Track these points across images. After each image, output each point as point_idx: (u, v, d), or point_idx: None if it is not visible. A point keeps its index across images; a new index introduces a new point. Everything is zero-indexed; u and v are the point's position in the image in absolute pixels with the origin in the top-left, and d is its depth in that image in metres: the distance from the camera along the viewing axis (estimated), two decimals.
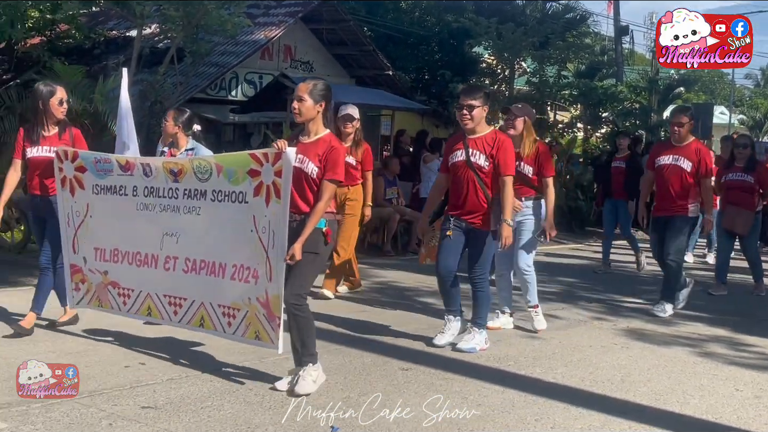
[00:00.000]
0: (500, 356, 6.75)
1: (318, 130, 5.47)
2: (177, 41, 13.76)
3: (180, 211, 5.80)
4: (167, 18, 13.42)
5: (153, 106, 12.97)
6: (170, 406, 5.09)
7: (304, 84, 5.47)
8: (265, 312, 5.29)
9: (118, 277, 6.24)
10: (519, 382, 6.01)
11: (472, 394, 5.65)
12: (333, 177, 5.33)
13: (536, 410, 5.40)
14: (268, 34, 16.29)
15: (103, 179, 6.26)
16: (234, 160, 5.61)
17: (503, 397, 5.64)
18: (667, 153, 8.73)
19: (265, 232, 5.23)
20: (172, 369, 5.91)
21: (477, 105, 6.54)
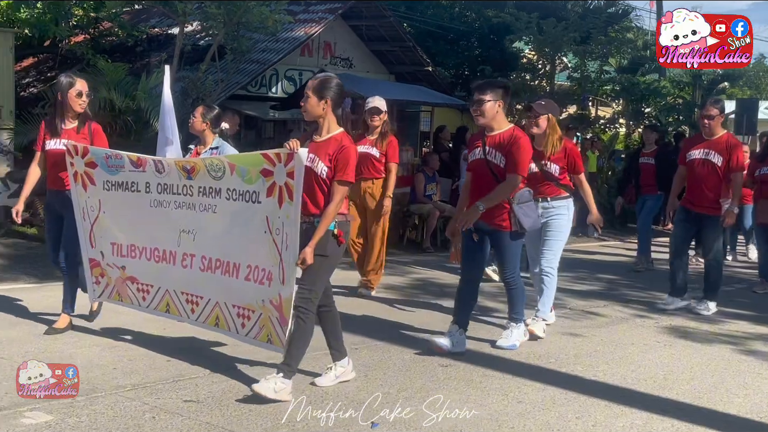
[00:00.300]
0: (541, 353, 6.72)
1: (330, 128, 5.33)
2: (218, 38, 13.87)
3: (196, 208, 5.72)
4: (209, 15, 13.54)
5: (194, 103, 13.04)
6: (212, 400, 5.15)
7: (311, 80, 5.37)
8: (278, 315, 5.19)
9: (137, 273, 6.20)
10: (560, 380, 5.99)
11: (512, 391, 5.64)
12: (343, 178, 5.17)
13: (577, 408, 5.38)
14: (308, 31, 16.34)
15: (114, 175, 6.19)
16: (246, 159, 5.50)
17: (543, 395, 5.62)
18: (697, 147, 8.54)
19: (279, 233, 5.11)
20: (214, 364, 5.96)
21: (488, 100, 6.30)
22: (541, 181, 7.16)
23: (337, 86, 5.31)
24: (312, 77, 5.36)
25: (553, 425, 5.02)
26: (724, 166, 8.34)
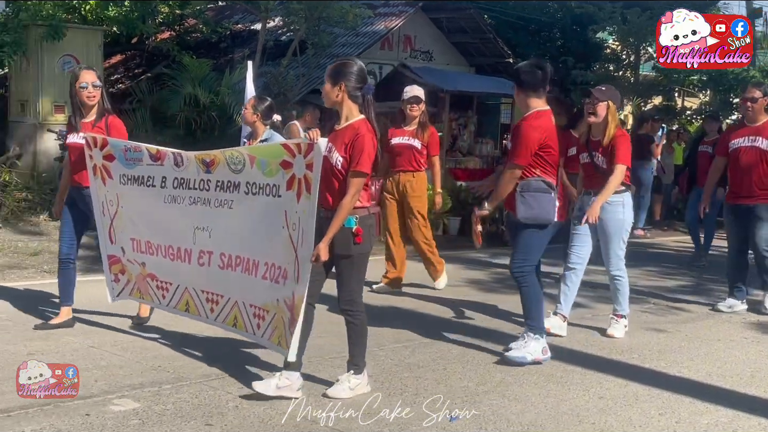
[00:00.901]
0: (623, 348, 6.64)
1: (350, 116, 5.03)
2: (300, 34, 14.03)
3: (211, 204, 5.49)
4: (290, 11, 13.72)
5: (276, 98, 13.25)
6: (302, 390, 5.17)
7: (331, 66, 5.09)
8: (290, 315, 4.95)
9: (155, 270, 6.02)
10: (643, 375, 5.91)
11: (594, 387, 5.59)
12: (357, 168, 4.84)
13: (660, 404, 5.30)
14: (389, 25, 16.40)
15: (131, 169, 6.01)
16: (267, 150, 5.32)
17: (626, 390, 5.56)
18: (741, 134, 7.96)
19: (296, 229, 4.87)
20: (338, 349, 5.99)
21: None
22: (593, 174, 6.81)
23: (353, 71, 4.99)
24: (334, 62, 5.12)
25: (635, 421, 4.96)
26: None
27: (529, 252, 6.12)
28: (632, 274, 10.34)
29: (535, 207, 5.96)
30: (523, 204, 5.96)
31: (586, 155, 6.86)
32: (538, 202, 5.96)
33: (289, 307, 4.94)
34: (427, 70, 16.04)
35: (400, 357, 6.12)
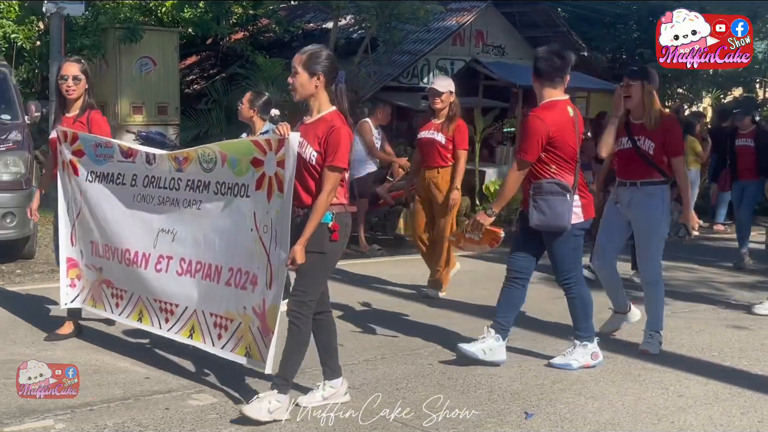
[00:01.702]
0: (703, 346, 6.53)
1: (321, 108, 4.69)
2: (371, 31, 14.09)
3: (180, 204, 5.20)
4: (362, 8, 13.77)
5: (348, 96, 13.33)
6: (367, 387, 5.24)
7: (299, 54, 4.65)
8: (260, 325, 4.65)
9: (111, 276, 5.71)
10: (723, 373, 5.80)
11: (673, 385, 5.51)
12: (333, 163, 4.50)
13: (742, 403, 5.20)
14: (460, 20, 16.35)
15: (101, 165, 5.71)
16: (238, 147, 4.95)
17: (706, 389, 5.46)
18: None
19: (267, 231, 4.58)
20: (367, 351, 6.10)
21: None
22: (632, 161, 6.18)
23: (329, 59, 4.67)
24: (299, 51, 4.68)
25: (716, 420, 4.88)
26: None
27: (566, 262, 5.75)
28: (711, 272, 10.27)
29: (547, 213, 5.52)
30: (535, 210, 5.55)
31: (626, 140, 6.21)
32: (550, 206, 5.52)
33: (260, 315, 4.64)
34: (500, 65, 15.98)
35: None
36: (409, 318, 7.24)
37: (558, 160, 5.55)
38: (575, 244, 5.74)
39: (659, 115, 6.15)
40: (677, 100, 20.27)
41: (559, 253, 5.71)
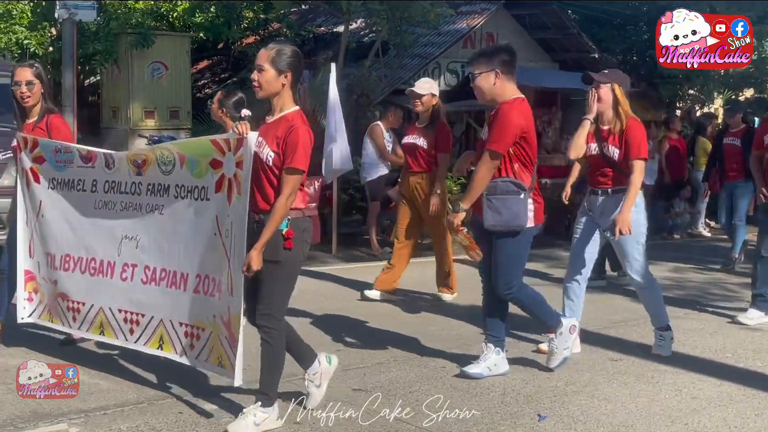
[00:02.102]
0: (717, 348, 6.51)
1: (284, 107, 4.44)
2: (382, 35, 14.10)
3: (142, 209, 4.98)
4: (372, 12, 13.77)
5: (359, 99, 13.34)
6: (380, 390, 5.22)
7: (265, 50, 4.42)
8: (227, 334, 4.47)
9: (67, 289, 5.43)
10: (737, 375, 5.77)
11: (686, 387, 5.49)
12: (291, 165, 4.24)
13: (756, 404, 5.18)
14: (471, 23, 16.34)
15: (62, 172, 5.48)
16: (196, 148, 4.72)
17: (719, 390, 5.44)
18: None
19: (228, 236, 4.40)
20: (380, 354, 6.10)
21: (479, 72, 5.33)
22: (601, 167, 5.99)
23: (298, 58, 4.46)
24: (265, 47, 4.47)
25: (730, 422, 4.85)
26: None
27: (511, 267, 5.37)
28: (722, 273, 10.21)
29: (503, 212, 5.21)
30: (490, 209, 5.23)
31: (594, 146, 5.99)
32: (506, 206, 5.22)
33: (226, 324, 4.47)
34: None
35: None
36: (419, 320, 7.24)
37: (523, 158, 5.30)
38: (525, 249, 5.46)
39: (625, 118, 5.89)
40: (688, 101, 20.21)
41: (506, 258, 5.34)
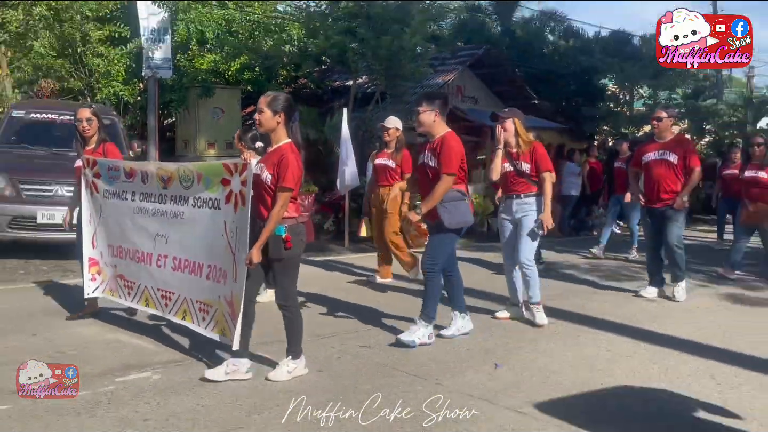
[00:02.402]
0: (625, 315, 6.50)
1: (279, 140, 4.38)
2: (380, 87, 14.09)
3: (167, 215, 4.94)
4: (373, 71, 13.77)
5: (364, 135, 13.33)
6: (378, 347, 5.23)
7: (264, 97, 4.42)
8: (230, 310, 4.41)
9: (123, 271, 5.48)
10: (640, 334, 5.78)
11: (603, 343, 5.49)
12: (282, 184, 4.21)
13: (653, 355, 5.19)
14: (445, 78, 16.33)
15: (111, 185, 5.49)
16: (211, 169, 4.64)
17: (627, 345, 5.45)
18: (651, 149, 7.07)
19: (233, 236, 4.34)
20: (381, 319, 6.08)
21: (423, 110, 5.22)
22: (513, 179, 6.00)
23: (287, 101, 4.41)
24: (264, 95, 4.47)
25: (635, 369, 4.86)
26: (681, 164, 6.91)
27: (441, 253, 5.29)
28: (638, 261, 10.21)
29: (457, 214, 5.18)
30: (446, 213, 5.14)
31: (508, 165, 6.02)
32: (458, 209, 5.20)
33: (229, 303, 4.41)
34: (474, 111, 15.97)
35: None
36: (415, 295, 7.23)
37: (462, 174, 5.23)
38: (454, 243, 5.41)
39: (529, 141, 5.99)
40: (603, 134, 20.24)
41: (441, 245, 5.29)
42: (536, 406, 4.05)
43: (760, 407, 4.14)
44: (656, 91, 20.30)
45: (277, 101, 4.35)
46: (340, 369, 4.68)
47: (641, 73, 18.59)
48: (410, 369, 4.67)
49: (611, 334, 5.77)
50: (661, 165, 6.95)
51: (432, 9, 13.78)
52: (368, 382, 4.40)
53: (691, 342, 5.58)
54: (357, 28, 13.06)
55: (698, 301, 7.23)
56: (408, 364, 4.77)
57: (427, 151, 5.28)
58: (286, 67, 15.87)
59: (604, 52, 19.39)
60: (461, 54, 17.30)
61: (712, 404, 4.16)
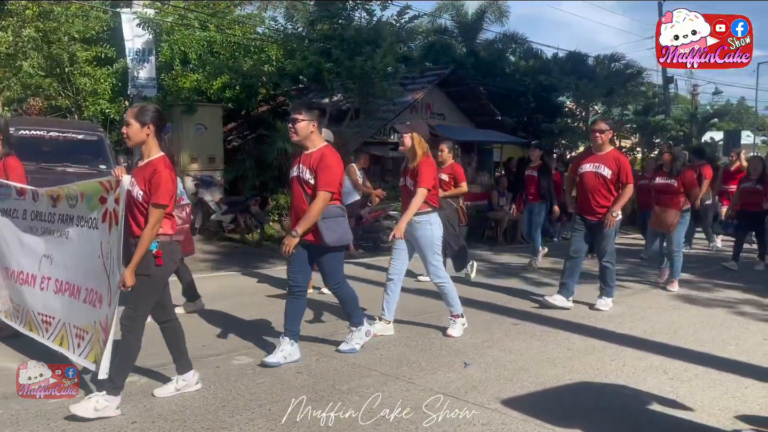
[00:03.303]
0: (584, 315, 6.55)
1: (151, 153, 3.92)
2: (354, 104, 14.10)
3: (54, 234, 4.46)
4: (348, 89, 13.79)
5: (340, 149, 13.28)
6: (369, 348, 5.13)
7: (131, 109, 3.96)
8: (104, 337, 3.89)
9: (11, 293, 4.94)
10: (599, 333, 5.83)
11: (564, 341, 5.53)
12: (155, 201, 3.77)
13: (611, 353, 5.23)
14: (415, 96, 16.40)
15: (3, 202, 4.97)
16: (91, 187, 4.17)
17: (587, 344, 5.49)
18: (589, 161, 6.57)
19: (108, 257, 3.91)
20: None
21: (301, 119, 4.59)
22: (408, 196, 5.42)
23: (156, 112, 3.94)
24: (131, 106, 4.03)
25: (593, 365, 4.90)
26: (614, 178, 6.42)
27: (334, 272, 4.79)
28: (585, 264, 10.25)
29: (338, 231, 4.62)
30: (328, 230, 4.57)
31: (403, 180, 5.56)
32: (339, 225, 4.63)
33: (104, 329, 3.91)
34: (442, 127, 16.03)
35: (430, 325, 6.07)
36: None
37: (339, 189, 4.67)
38: (342, 257, 4.85)
39: (421, 155, 5.38)
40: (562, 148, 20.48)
41: (333, 265, 4.77)
42: (503, 402, 4.06)
43: (709, 399, 4.20)
44: (610, 107, 20.62)
45: (145, 113, 3.89)
46: (318, 370, 4.65)
47: (596, 91, 18.92)
48: (384, 369, 4.65)
49: (571, 333, 5.81)
50: (595, 178, 6.47)
51: (402, 31, 13.83)
52: (345, 383, 4.36)
53: (646, 340, 5.64)
54: (332, 49, 13.08)
55: (651, 302, 7.31)
56: (382, 365, 4.75)
57: (301, 164, 4.62)
58: (265, 86, 15.82)
59: (562, 72, 19.65)
60: (429, 73, 17.41)
61: (665, 397, 4.22)
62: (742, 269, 9.49)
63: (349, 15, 13.57)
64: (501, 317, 6.35)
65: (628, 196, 6.49)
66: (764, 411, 4.01)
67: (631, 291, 7.95)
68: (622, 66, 21.40)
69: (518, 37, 23.09)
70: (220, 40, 14.84)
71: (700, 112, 24.57)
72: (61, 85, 13.04)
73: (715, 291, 7.98)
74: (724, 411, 3.99)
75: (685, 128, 22.62)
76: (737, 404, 4.12)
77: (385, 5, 13.67)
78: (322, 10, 13.63)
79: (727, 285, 8.37)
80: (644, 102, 22.42)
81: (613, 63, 21.44)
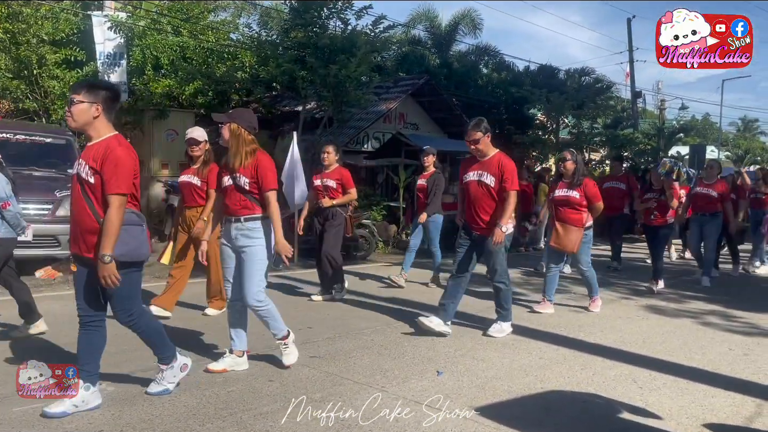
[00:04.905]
0: (555, 324, 6.61)
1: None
2: (328, 112, 14.09)
3: None
4: (322, 97, 13.78)
5: (314, 156, 13.28)
6: (329, 356, 5.17)
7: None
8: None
9: None
10: (569, 342, 5.87)
11: (535, 351, 5.56)
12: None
13: (581, 361, 5.27)
14: (388, 106, 16.47)
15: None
16: None
17: (557, 353, 5.52)
18: (473, 169, 5.82)
19: None
20: (330, 330, 6.03)
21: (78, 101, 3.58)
22: (234, 197, 4.49)
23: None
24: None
25: (564, 374, 4.93)
26: (497, 187, 5.67)
27: (132, 299, 3.78)
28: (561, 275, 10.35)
29: (130, 243, 3.62)
30: (119, 242, 3.55)
31: (227, 178, 4.52)
32: (132, 236, 3.65)
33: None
34: (415, 136, 16.13)
35: (402, 333, 6.07)
36: (361, 307, 7.19)
37: (133, 190, 3.67)
38: (140, 278, 3.84)
39: (251, 153, 4.47)
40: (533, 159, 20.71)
41: (128, 291, 3.71)
42: (476, 410, 4.05)
43: (677, 408, 4.25)
44: (580, 120, 20.94)
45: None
46: (291, 378, 4.59)
47: (566, 104, 19.22)
48: (357, 378, 4.62)
49: (543, 342, 5.84)
50: (478, 187, 5.73)
51: (376, 41, 13.89)
52: (318, 391, 4.32)
53: (615, 349, 5.70)
54: (306, 57, 13.07)
55: (620, 312, 7.41)
56: (355, 374, 4.72)
57: (81, 159, 3.66)
58: (238, 92, 15.75)
59: (533, 84, 19.94)
60: (403, 83, 17.51)
61: (635, 406, 4.26)
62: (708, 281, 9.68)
63: (324, 23, 13.60)
64: (473, 327, 6.36)
65: (513, 206, 5.59)
66: (731, 419, 4.07)
67: (601, 301, 8.04)
68: (592, 80, 21.82)
69: (491, 50, 23.40)
70: (193, 45, 14.74)
71: (667, 126, 25.07)
72: (29, 87, 12.80)
73: (682, 302, 8.11)
74: (692, 419, 4.05)
75: (652, 142, 23.08)
76: (704, 413, 4.18)
77: (360, 14, 13.72)
78: (297, 17, 13.64)
79: (694, 296, 8.52)
80: (613, 116, 22.82)
81: (583, 77, 21.86)
